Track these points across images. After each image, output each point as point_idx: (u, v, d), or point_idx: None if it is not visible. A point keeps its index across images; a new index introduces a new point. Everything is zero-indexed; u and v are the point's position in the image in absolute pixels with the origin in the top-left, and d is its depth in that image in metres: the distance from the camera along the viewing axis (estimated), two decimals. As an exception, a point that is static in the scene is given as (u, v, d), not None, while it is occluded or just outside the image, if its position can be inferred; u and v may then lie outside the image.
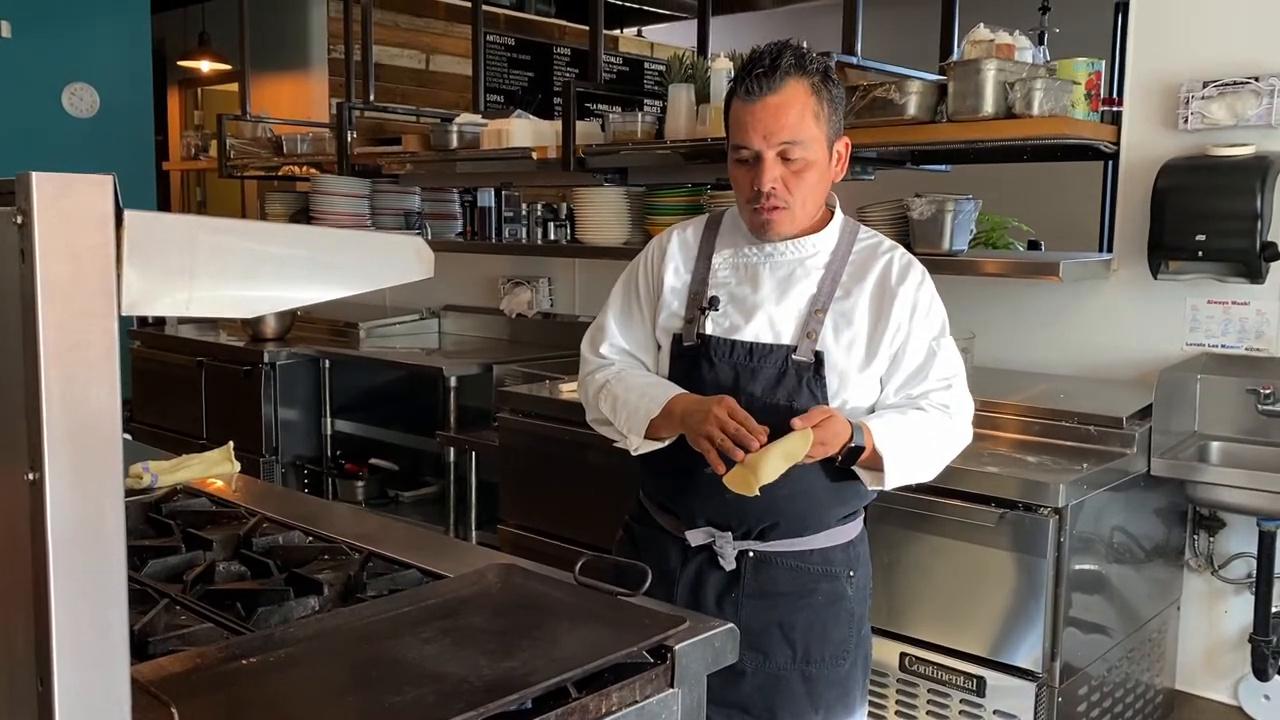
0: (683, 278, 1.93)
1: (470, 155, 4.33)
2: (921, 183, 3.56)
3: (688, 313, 1.90)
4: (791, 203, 1.81)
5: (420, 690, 1.23)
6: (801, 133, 1.78)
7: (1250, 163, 2.75)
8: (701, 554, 1.89)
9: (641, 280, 1.98)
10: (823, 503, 1.87)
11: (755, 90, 1.77)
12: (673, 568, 1.90)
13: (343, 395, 4.57)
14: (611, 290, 2.04)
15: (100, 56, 6.68)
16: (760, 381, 1.82)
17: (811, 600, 1.88)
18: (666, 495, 1.93)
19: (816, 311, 1.84)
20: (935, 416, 1.85)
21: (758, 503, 1.73)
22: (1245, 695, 3.00)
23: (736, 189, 1.86)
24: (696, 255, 1.94)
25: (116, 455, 0.86)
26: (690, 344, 1.88)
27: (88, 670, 0.86)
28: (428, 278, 1.14)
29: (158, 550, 1.76)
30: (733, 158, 1.84)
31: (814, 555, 1.88)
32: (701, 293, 1.89)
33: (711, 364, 1.85)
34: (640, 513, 2.03)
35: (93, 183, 0.83)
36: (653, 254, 1.98)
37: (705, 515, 1.87)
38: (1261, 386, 2.82)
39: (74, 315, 0.83)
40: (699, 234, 1.97)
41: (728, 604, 1.87)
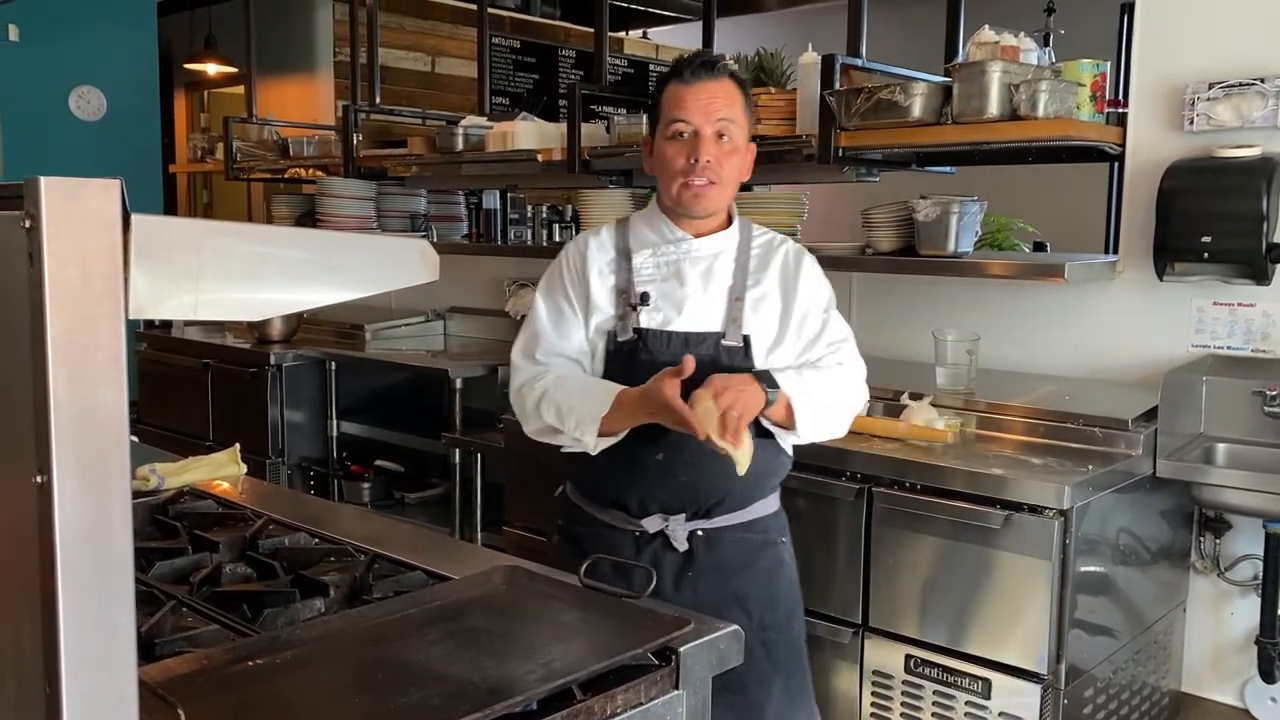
0: (607, 279, 2.04)
1: (475, 158, 4.34)
2: (927, 184, 3.56)
3: (619, 310, 2.02)
4: (721, 179, 1.98)
5: (426, 692, 1.23)
6: (735, 115, 1.99)
7: (1256, 164, 2.75)
8: (654, 540, 1.99)
9: (569, 284, 2.07)
10: (761, 474, 1.98)
11: (697, 75, 1.97)
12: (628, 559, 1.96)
13: (348, 397, 4.58)
14: (533, 301, 2.11)
15: (107, 60, 6.70)
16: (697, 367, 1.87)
17: (757, 568, 2.03)
18: (616, 490, 2.01)
19: (736, 300, 2.02)
20: (832, 372, 2.05)
21: (707, 482, 1.93)
22: (1251, 697, 2.99)
23: (667, 165, 1.99)
24: (615, 256, 2.06)
25: (124, 458, 0.87)
26: (626, 339, 1.99)
27: (95, 672, 0.86)
28: (433, 280, 1.14)
29: (164, 552, 1.76)
30: (666, 134, 1.98)
31: (754, 525, 2.04)
32: (629, 291, 2.02)
33: (650, 355, 1.97)
34: (576, 514, 2.10)
35: (100, 187, 0.84)
36: (573, 259, 2.08)
37: (658, 502, 1.98)
38: (1267, 388, 2.82)
39: (81, 318, 0.83)
40: (612, 237, 2.09)
41: (684, 583, 1.97)
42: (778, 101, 3.33)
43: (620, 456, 1.94)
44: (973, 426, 2.90)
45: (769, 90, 3.37)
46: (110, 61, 6.72)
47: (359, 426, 4.59)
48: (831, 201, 4.37)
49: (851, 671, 2.76)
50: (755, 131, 3.28)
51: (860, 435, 2.84)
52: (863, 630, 2.74)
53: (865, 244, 3.38)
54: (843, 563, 2.74)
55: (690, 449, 1.89)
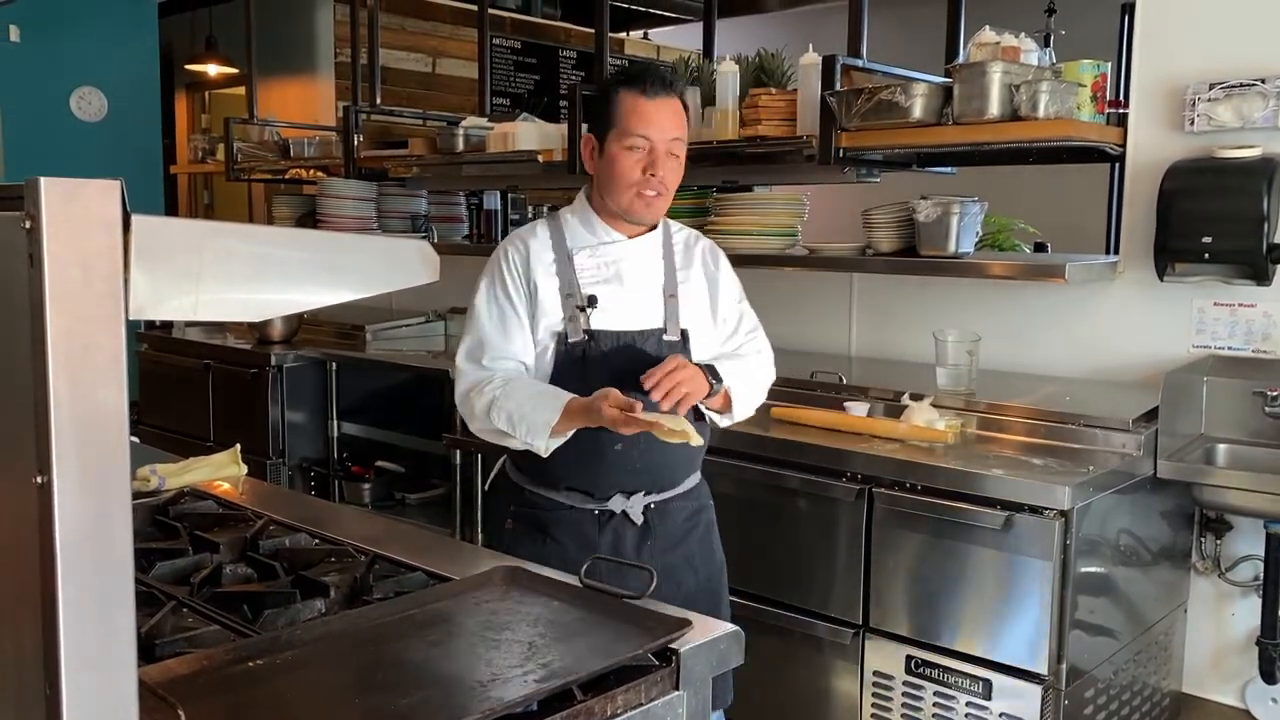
0: (553, 281, 2.12)
1: (476, 158, 4.34)
2: (927, 185, 3.56)
3: (566, 312, 2.10)
4: (669, 191, 2.11)
5: (426, 693, 1.23)
6: (683, 133, 2.11)
7: (1257, 164, 2.75)
8: (614, 518, 2.14)
9: (512, 288, 2.13)
10: (696, 451, 2.19)
11: (658, 91, 2.06)
12: (591, 535, 2.12)
13: (349, 398, 4.58)
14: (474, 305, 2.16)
15: (108, 61, 6.70)
16: (644, 363, 2.03)
17: (698, 531, 2.24)
18: (579, 477, 2.13)
19: (670, 296, 2.16)
20: (753, 359, 2.28)
21: (658, 465, 2.12)
22: (1253, 698, 2.99)
23: (622, 174, 2.07)
24: (554, 258, 2.13)
25: (124, 458, 0.87)
26: (578, 340, 2.10)
27: (95, 672, 0.86)
28: (433, 281, 1.14)
29: (165, 553, 1.76)
30: (622, 145, 2.06)
31: (692, 494, 2.24)
32: (575, 293, 2.11)
33: (602, 353, 2.09)
34: (529, 499, 2.18)
35: (101, 188, 0.84)
36: (514, 261, 2.14)
37: (617, 485, 2.13)
38: (1268, 389, 2.81)
39: (82, 319, 0.83)
40: (548, 237, 2.16)
41: (644, 552, 2.14)
42: (778, 102, 3.33)
43: (581, 447, 2.05)
44: (973, 427, 2.90)
45: (769, 91, 3.38)
46: (111, 62, 6.72)
47: (360, 427, 4.59)
48: (832, 202, 4.37)
49: (852, 672, 2.76)
50: (754, 132, 3.33)
51: (861, 436, 2.84)
52: (863, 631, 2.74)
53: (866, 244, 3.38)
54: (843, 563, 2.74)
55: (644, 438, 2.01)
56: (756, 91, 3.39)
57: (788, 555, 2.85)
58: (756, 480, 2.89)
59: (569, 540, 2.11)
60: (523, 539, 2.15)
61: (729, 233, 3.57)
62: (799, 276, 3.76)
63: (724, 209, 3.64)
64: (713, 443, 2.96)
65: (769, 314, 3.87)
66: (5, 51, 6.25)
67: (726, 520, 2.98)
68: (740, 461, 2.93)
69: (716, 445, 2.96)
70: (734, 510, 2.98)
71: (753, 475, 2.90)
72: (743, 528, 2.96)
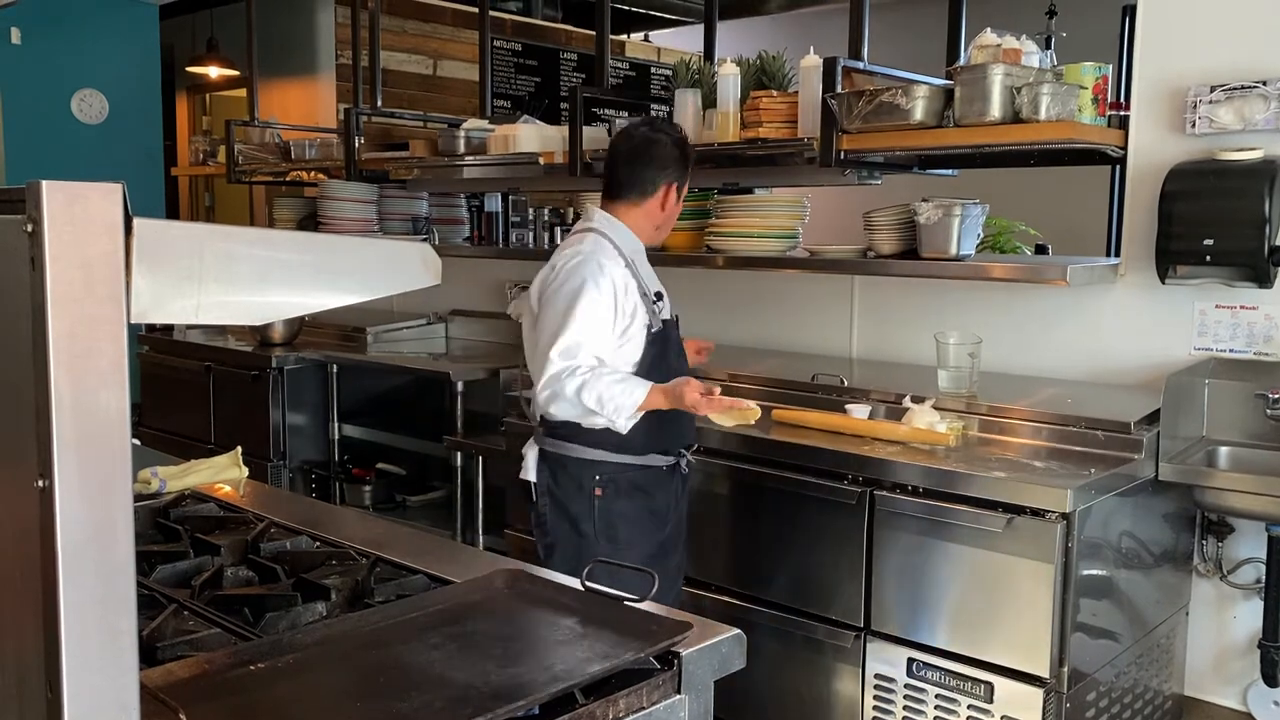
0: (633, 284, 2.60)
1: (477, 160, 4.34)
2: (928, 187, 3.56)
3: (647, 308, 2.60)
4: None
5: (427, 696, 1.23)
6: None
7: (1258, 167, 2.74)
8: (676, 469, 2.70)
9: (617, 310, 2.56)
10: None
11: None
12: (667, 485, 2.68)
13: (350, 400, 4.58)
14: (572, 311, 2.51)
15: (109, 63, 6.71)
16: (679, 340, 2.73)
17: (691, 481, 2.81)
18: (664, 442, 2.64)
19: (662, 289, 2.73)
20: None
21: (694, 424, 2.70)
22: (1254, 701, 2.99)
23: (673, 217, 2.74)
24: (626, 266, 2.60)
25: (126, 462, 0.87)
26: (658, 329, 2.62)
27: (96, 676, 0.86)
28: (435, 284, 1.14)
29: (166, 556, 1.76)
30: (682, 197, 2.74)
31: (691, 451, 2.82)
32: (648, 292, 2.63)
33: (672, 336, 2.66)
34: (613, 468, 2.60)
35: (102, 191, 0.84)
36: (619, 285, 2.57)
37: (682, 444, 2.72)
38: (1270, 391, 2.81)
39: (84, 322, 0.83)
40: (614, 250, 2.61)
41: (682, 496, 2.74)
42: (779, 104, 3.33)
43: (663, 417, 2.55)
44: (975, 429, 2.89)
45: (770, 93, 3.38)
46: (112, 64, 6.73)
47: (360, 429, 4.59)
48: (833, 204, 4.37)
49: (853, 675, 2.76)
50: (755, 134, 3.33)
51: (862, 438, 2.84)
52: (864, 633, 2.74)
53: (867, 247, 3.38)
54: (844, 566, 2.74)
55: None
56: (757, 94, 3.39)
57: (789, 558, 2.85)
58: (757, 483, 2.89)
59: (657, 491, 2.64)
60: (616, 499, 2.60)
61: (730, 234, 3.57)
62: (800, 279, 3.76)
63: (725, 211, 3.64)
64: (714, 444, 2.98)
65: (770, 316, 3.90)
66: (6, 53, 6.25)
67: (728, 522, 2.99)
68: (742, 464, 2.93)
69: (718, 447, 2.98)
70: (735, 512, 2.98)
71: (754, 478, 2.90)
72: (744, 530, 2.96)
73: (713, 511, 2.98)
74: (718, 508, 2.99)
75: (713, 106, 3.54)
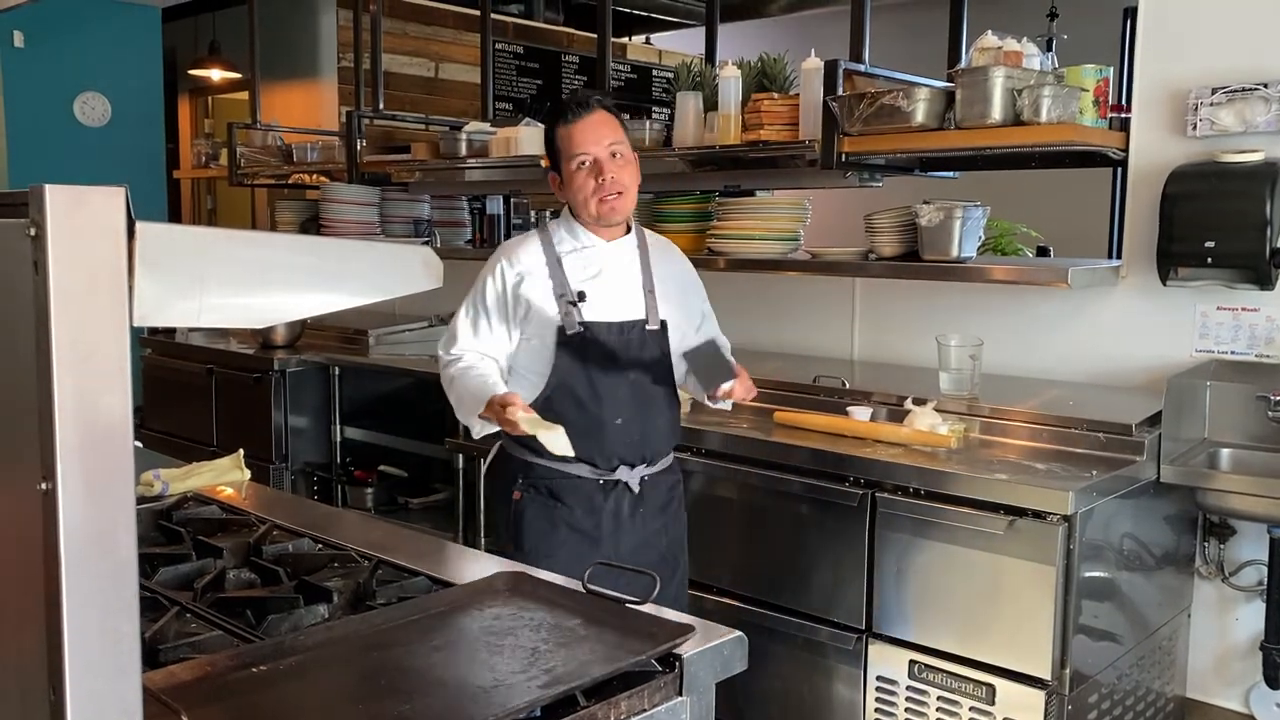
0: (545, 283, 2.41)
1: (479, 163, 4.34)
2: (930, 190, 3.56)
3: (561, 309, 2.39)
4: (626, 187, 2.39)
5: (429, 698, 1.23)
6: (619, 135, 2.40)
7: (1259, 169, 2.74)
8: (616, 486, 2.44)
9: (492, 299, 2.45)
10: (676, 429, 2.56)
11: (577, 114, 2.37)
12: (598, 502, 2.43)
13: (352, 402, 4.58)
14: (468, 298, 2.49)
15: (112, 66, 6.72)
16: (632, 348, 2.41)
17: (674, 503, 2.57)
18: (586, 450, 2.35)
19: (649, 292, 2.46)
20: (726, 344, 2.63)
21: (649, 440, 2.45)
22: (1257, 703, 2.99)
23: (579, 191, 2.38)
24: (546, 262, 2.42)
25: (128, 465, 0.87)
26: (574, 331, 2.38)
27: (99, 678, 0.86)
28: (436, 287, 1.14)
29: (168, 558, 1.76)
30: (570, 169, 2.38)
31: (672, 469, 2.57)
32: (567, 291, 2.39)
33: (598, 342, 2.38)
34: (542, 472, 2.43)
35: (105, 195, 0.84)
36: (503, 275, 2.44)
37: (619, 456, 2.43)
38: (1272, 393, 2.81)
39: (86, 326, 0.84)
40: (539, 245, 2.45)
41: (636, 518, 2.47)
42: (780, 107, 3.33)
43: (590, 422, 2.36)
44: (976, 431, 2.89)
45: (772, 95, 3.38)
46: (115, 67, 6.74)
47: (362, 432, 4.59)
48: (834, 206, 4.37)
49: (855, 677, 2.76)
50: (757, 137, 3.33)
51: (864, 440, 2.84)
52: (866, 635, 2.73)
53: (868, 249, 3.38)
54: (846, 568, 2.74)
55: (639, 413, 2.42)
56: (759, 96, 3.39)
57: (791, 560, 2.85)
58: (759, 484, 2.89)
59: (578, 505, 2.42)
60: (532, 505, 2.44)
61: (731, 237, 3.58)
62: (801, 281, 3.76)
63: (726, 213, 3.64)
64: (715, 446, 2.98)
65: (771, 318, 3.89)
66: (9, 57, 6.26)
67: (729, 524, 2.99)
68: (743, 466, 2.93)
69: (719, 449, 2.98)
70: (737, 514, 2.98)
71: (755, 479, 2.90)
72: (746, 532, 2.96)
73: (714, 514, 2.98)
74: (719, 510, 2.99)
75: (714, 109, 3.54)
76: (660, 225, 3.77)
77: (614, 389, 2.39)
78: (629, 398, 2.40)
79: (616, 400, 2.39)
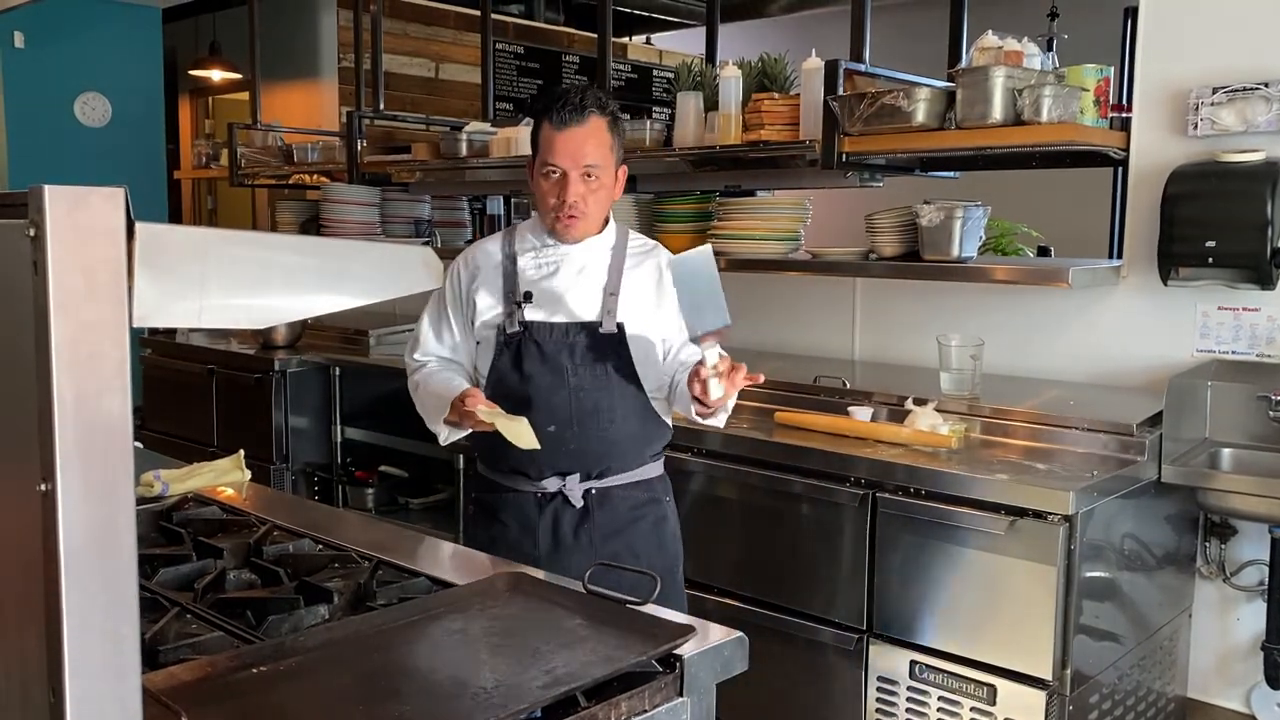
0: (495, 282, 2.30)
1: (480, 163, 4.34)
2: (930, 189, 3.56)
3: (506, 308, 2.27)
4: (588, 213, 2.23)
5: (429, 699, 1.23)
6: (600, 157, 2.20)
7: (1260, 169, 2.74)
8: (554, 499, 2.26)
9: (450, 298, 2.37)
10: (640, 442, 2.31)
11: (566, 120, 2.17)
12: (531, 516, 2.27)
13: (353, 403, 4.58)
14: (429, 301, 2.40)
15: (112, 66, 6.72)
16: (578, 352, 2.23)
17: (645, 522, 2.31)
18: (517, 459, 2.20)
19: (611, 294, 2.27)
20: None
21: (592, 449, 2.23)
22: (1258, 703, 2.98)
23: (541, 198, 2.25)
24: (501, 259, 2.32)
25: (128, 466, 0.87)
26: (514, 331, 2.25)
27: (99, 679, 0.86)
28: (436, 287, 1.14)
29: (168, 559, 1.76)
30: (539, 172, 2.23)
31: (641, 485, 2.31)
32: (514, 290, 2.27)
33: (536, 344, 2.24)
34: (484, 484, 2.35)
35: (104, 195, 0.84)
36: (459, 273, 2.36)
37: (552, 467, 2.24)
38: (1273, 393, 2.81)
39: (86, 327, 0.84)
40: (500, 243, 2.36)
41: (583, 535, 2.26)
42: (781, 107, 3.33)
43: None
44: (977, 431, 2.89)
45: (772, 96, 3.38)
46: (115, 68, 6.74)
47: (363, 432, 4.59)
48: (835, 206, 4.37)
49: (856, 677, 2.76)
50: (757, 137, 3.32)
51: (865, 440, 2.84)
52: (867, 636, 2.73)
53: (869, 249, 3.38)
54: (847, 568, 2.74)
55: (577, 421, 2.21)
56: (759, 96, 3.39)
57: (791, 560, 2.85)
58: (760, 485, 2.89)
59: (513, 521, 2.27)
60: (478, 521, 2.35)
61: (732, 237, 3.57)
62: (802, 281, 3.76)
63: (727, 213, 3.64)
64: (715, 446, 2.98)
65: (771, 318, 3.89)
66: (10, 57, 6.26)
67: (730, 524, 2.99)
68: (743, 466, 2.93)
69: (719, 449, 2.97)
70: (737, 514, 2.98)
71: (756, 480, 2.90)
72: (746, 532, 2.96)
73: (715, 514, 2.98)
74: (719, 510, 2.99)
75: (714, 109, 3.54)
76: (661, 225, 3.77)
77: (549, 394, 2.21)
78: (566, 404, 2.21)
79: (551, 406, 2.20)
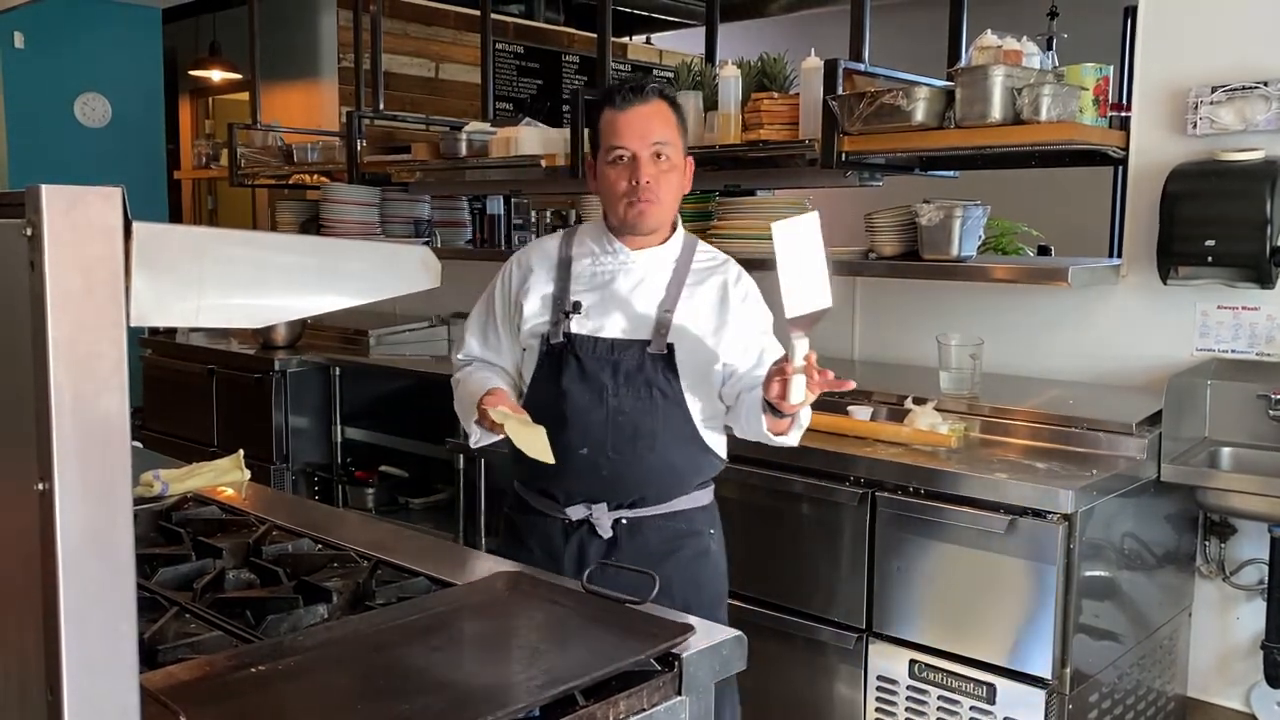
0: (546, 287, 2.16)
1: (480, 163, 4.34)
2: (930, 189, 3.56)
3: (553, 316, 2.13)
4: (661, 198, 2.09)
5: (428, 698, 1.23)
6: (669, 135, 2.08)
7: (1259, 168, 2.74)
8: (581, 527, 2.12)
9: (499, 301, 2.25)
10: (682, 473, 2.15)
11: (629, 100, 2.07)
12: (557, 544, 2.13)
13: (353, 402, 4.58)
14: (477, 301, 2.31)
15: (112, 67, 6.73)
16: (621, 371, 2.08)
17: (680, 556, 2.14)
18: (545, 480, 2.12)
19: (666, 312, 2.11)
20: None
21: (627, 477, 2.07)
22: (1258, 702, 2.98)
23: (610, 188, 2.10)
24: (557, 264, 2.18)
25: (126, 465, 0.87)
26: (557, 342, 2.11)
27: (97, 679, 0.86)
28: (435, 287, 1.14)
29: (168, 558, 1.76)
30: (606, 160, 2.09)
31: (679, 516, 2.15)
32: (564, 299, 2.13)
33: (577, 358, 2.09)
34: (518, 504, 2.23)
35: (101, 195, 0.84)
36: (511, 275, 2.24)
37: (581, 493, 2.10)
38: (1272, 392, 2.81)
39: (83, 326, 0.84)
40: (559, 246, 2.22)
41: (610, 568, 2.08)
42: (780, 106, 3.33)
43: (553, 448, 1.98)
44: (977, 431, 2.89)
45: (771, 95, 3.38)
46: (115, 68, 6.74)
47: (363, 432, 4.59)
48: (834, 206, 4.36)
49: (855, 676, 2.76)
50: (757, 136, 3.32)
51: (864, 440, 2.84)
52: (866, 635, 2.73)
53: (868, 248, 3.38)
54: (846, 567, 2.74)
55: (613, 446, 2.06)
56: (759, 96, 3.39)
57: (791, 559, 2.85)
58: (759, 484, 2.89)
59: (538, 548, 2.13)
60: (507, 540, 2.23)
61: (731, 236, 3.57)
62: (802, 280, 3.76)
63: (727, 213, 3.64)
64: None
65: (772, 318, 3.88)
66: (10, 57, 6.26)
67: (729, 524, 2.98)
68: (743, 466, 2.93)
69: (719, 449, 2.97)
70: (737, 514, 2.97)
71: (756, 479, 2.89)
72: (746, 531, 2.95)
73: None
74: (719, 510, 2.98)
75: (714, 108, 3.54)
76: (660, 225, 3.77)
77: (585, 413, 2.06)
78: (603, 426, 2.06)
79: (586, 426, 2.05)
